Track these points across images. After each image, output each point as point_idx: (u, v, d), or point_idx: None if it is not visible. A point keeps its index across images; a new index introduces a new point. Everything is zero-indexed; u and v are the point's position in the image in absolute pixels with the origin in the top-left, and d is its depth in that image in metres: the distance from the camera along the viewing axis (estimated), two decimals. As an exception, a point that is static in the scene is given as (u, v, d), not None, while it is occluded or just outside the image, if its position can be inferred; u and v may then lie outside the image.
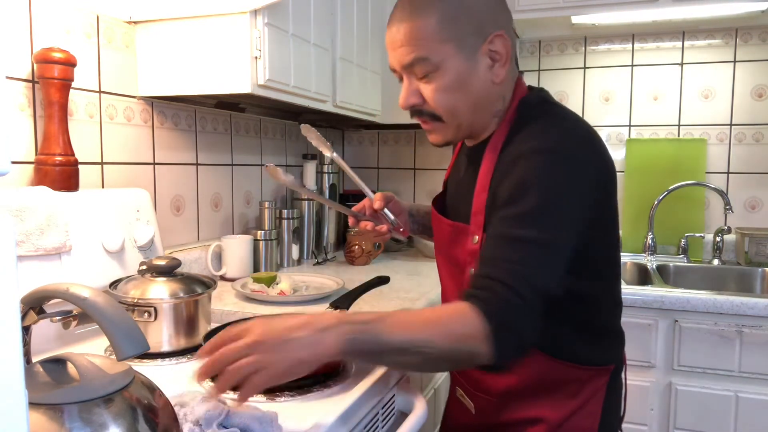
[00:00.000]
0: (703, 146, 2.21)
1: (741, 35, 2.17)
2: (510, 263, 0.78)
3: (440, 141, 0.97)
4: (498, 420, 0.98)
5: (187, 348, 1.04)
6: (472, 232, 0.92)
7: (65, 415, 0.50)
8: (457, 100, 0.90)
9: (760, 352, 1.61)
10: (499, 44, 0.89)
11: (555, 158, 0.83)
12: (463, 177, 1.01)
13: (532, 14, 2.02)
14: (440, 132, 0.95)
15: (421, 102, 0.92)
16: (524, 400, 0.95)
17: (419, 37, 0.87)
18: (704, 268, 2.13)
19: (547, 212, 0.80)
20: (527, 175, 0.82)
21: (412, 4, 0.88)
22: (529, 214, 0.80)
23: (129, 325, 0.57)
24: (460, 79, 0.89)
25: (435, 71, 0.88)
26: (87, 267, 1.09)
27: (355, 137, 2.56)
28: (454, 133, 0.95)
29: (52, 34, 1.16)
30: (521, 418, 0.95)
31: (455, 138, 0.97)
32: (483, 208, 0.90)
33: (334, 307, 1.17)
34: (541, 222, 0.80)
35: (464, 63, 0.88)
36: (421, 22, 0.87)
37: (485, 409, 1.00)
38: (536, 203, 0.80)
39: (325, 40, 1.58)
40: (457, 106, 0.91)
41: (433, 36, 0.87)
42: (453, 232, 0.97)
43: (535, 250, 0.79)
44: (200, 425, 0.71)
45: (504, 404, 0.97)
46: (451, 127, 0.94)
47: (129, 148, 1.37)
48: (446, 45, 0.87)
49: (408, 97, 0.92)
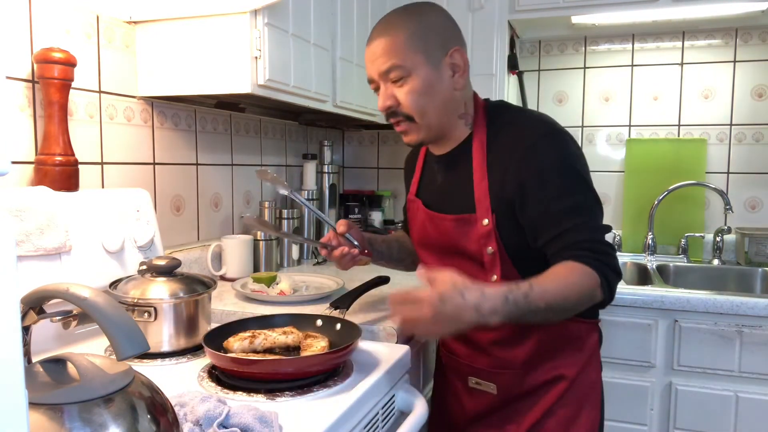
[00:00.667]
0: (703, 146, 2.21)
1: (741, 35, 2.17)
2: (579, 227, 0.98)
3: (414, 140, 1.11)
4: (522, 389, 1.12)
5: (187, 348, 1.04)
6: (481, 216, 1.06)
7: (65, 415, 0.50)
8: (427, 102, 1.06)
9: (760, 352, 1.61)
10: (457, 57, 1.07)
11: (559, 137, 1.04)
12: (445, 180, 1.15)
13: (532, 14, 2.02)
14: (413, 132, 1.10)
15: (396, 104, 1.07)
16: (544, 362, 1.11)
17: (394, 48, 1.04)
18: (704, 268, 2.13)
19: (581, 177, 1.02)
20: (551, 157, 1.01)
21: (388, 24, 1.06)
22: (570, 186, 1.00)
23: (129, 325, 0.57)
24: (428, 85, 1.05)
25: (407, 76, 1.04)
26: (87, 267, 1.09)
27: (355, 137, 2.56)
28: (426, 132, 1.09)
29: (52, 34, 1.16)
30: (544, 380, 1.11)
31: (427, 137, 1.11)
32: (487, 194, 1.06)
33: (334, 307, 1.17)
34: (581, 188, 1.01)
35: (431, 71, 1.05)
36: (395, 37, 1.04)
37: (508, 384, 1.13)
38: (568, 175, 1.01)
39: (325, 40, 1.58)
40: (426, 108, 1.06)
41: (406, 47, 1.04)
42: (457, 224, 1.10)
43: (589, 210, 1.01)
44: (200, 425, 0.71)
45: (526, 372, 1.12)
46: (422, 127, 1.08)
47: (129, 148, 1.37)
48: (416, 55, 1.04)
49: (385, 100, 1.07)
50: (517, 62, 2.18)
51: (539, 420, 1.11)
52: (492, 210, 1.05)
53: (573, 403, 1.11)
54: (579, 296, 0.94)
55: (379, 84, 1.08)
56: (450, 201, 1.13)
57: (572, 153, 1.03)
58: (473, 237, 1.08)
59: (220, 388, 0.88)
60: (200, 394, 0.77)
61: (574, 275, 0.94)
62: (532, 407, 1.12)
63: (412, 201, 1.22)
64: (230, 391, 0.87)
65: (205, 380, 0.91)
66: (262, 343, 0.96)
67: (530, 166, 1.01)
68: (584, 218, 0.99)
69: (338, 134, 2.54)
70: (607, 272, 0.96)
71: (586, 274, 0.95)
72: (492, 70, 1.99)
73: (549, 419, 1.11)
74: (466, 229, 1.08)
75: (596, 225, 1.01)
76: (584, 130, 2.39)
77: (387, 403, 0.98)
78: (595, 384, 1.14)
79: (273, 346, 0.97)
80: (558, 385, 1.11)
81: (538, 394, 1.12)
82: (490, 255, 1.07)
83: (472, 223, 1.07)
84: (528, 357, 1.11)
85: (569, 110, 2.40)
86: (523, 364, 1.11)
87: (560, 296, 0.92)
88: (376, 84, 1.10)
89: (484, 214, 1.06)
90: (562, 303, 0.93)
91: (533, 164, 1.01)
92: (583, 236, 0.98)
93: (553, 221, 1.00)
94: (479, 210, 1.06)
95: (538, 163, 1.00)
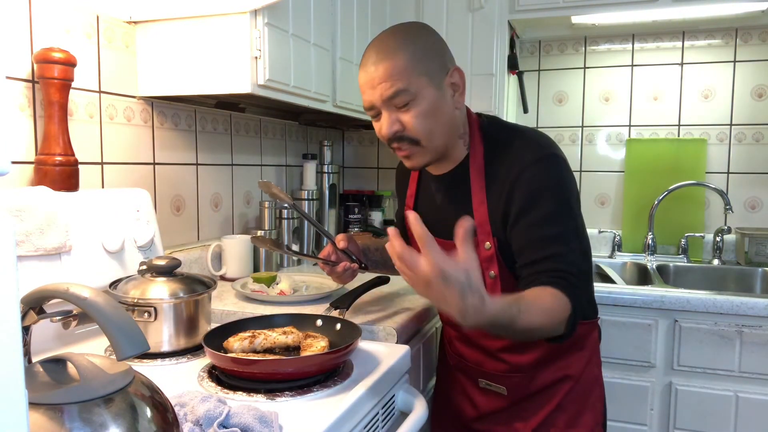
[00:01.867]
0: (703, 146, 2.21)
1: (741, 35, 2.17)
2: (557, 257, 0.97)
3: (418, 164, 1.09)
4: (530, 390, 1.15)
5: (187, 348, 1.04)
6: (482, 241, 1.07)
7: (65, 415, 0.50)
8: (433, 125, 1.04)
9: (760, 352, 1.61)
10: (456, 76, 1.06)
11: (553, 160, 1.03)
12: (445, 201, 1.16)
13: (532, 14, 2.02)
14: (418, 156, 1.07)
15: (402, 129, 1.04)
16: (551, 364, 1.14)
17: (398, 72, 1.00)
18: (704, 268, 2.13)
19: (567, 206, 1.01)
20: (540, 182, 1.00)
21: (386, 47, 1.02)
22: (556, 213, 1.00)
23: (129, 325, 0.57)
24: (434, 107, 1.03)
25: (413, 100, 1.01)
26: (87, 267, 1.09)
27: (355, 137, 2.56)
28: (431, 155, 1.07)
29: (52, 34, 1.16)
30: (551, 380, 1.14)
31: (431, 160, 1.09)
32: (487, 219, 1.06)
33: (334, 307, 1.17)
34: (568, 215, 1.01)
35: (435, 92, 1.03)
36: (397, 61, 1.00)
37: (518, 385, 1.16)
38: (557, 203, 1.00)
39: (325, 40, 1.58)
40: (433, 130, 1.04)
41: (410, 70, 1.00)
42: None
43: (571, 240, 1.00)
44: (200, 425, 0.71)
45: (535, 375, 1.14)
46: (428, 150, 1.06)
47: (129, 148, 1.37)
48: (421, 78, 1.01)
49: (391, 126, 1.03)
50: (517, 62, 2.18)
51: (547, 416, 1.15)
52: (493, 234, 1.06)
53: (578, 399, 1.15)
54: (551, 327, 0.92)
55: (380, 110, 1.05)
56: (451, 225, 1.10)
57: (563, 178, 1.03)
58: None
59: (220, 388, 0.88)
60: (200, 394, 0.77)
61: (555, 306, 0.93)
62: (540, 405, 1.15)
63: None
64: (230, 391, 0.87)
65: (205, 380, 0.91)
66: (262, 343, 0.96)
67: (522, 189, 1.01)
68: (565, 247, 0.99)
69: (338, 134, 2.54)
70: (576, 307, 0.95)
71: (564, 305, 0.93)
72: (492, 70, 1.99)
73: (556, 415, 1.15)
74: None
75: (575, 257, 1.00)
76: (584, 130, 2.39)
77: (387, 403, 0.98)
78: (598, 378, 1.20)
79: (273, 346, 0.97)
80: (565, 384, 1.15)
81: (546, 393, 1.15)
82: (492, 279, 1.08)
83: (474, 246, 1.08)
84: (536, 361, 1.14)
85: (569, 110, 2.40)
86: (532, 367, 1.14)
87: (537, 325, 0.90)
88: (376, 110, 1.06)
89: (486, 238, 1.07)
90: (535, 331, 0.90)
91: (524, 188, 1.01)
92: (560, 266, 0.97)
93: (535, 246, 1.00)
94: (480, 234, 1.07)
95: (528, 188, 1.01)
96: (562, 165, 1.04)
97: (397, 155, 1.10)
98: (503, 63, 2.07)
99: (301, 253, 1.88)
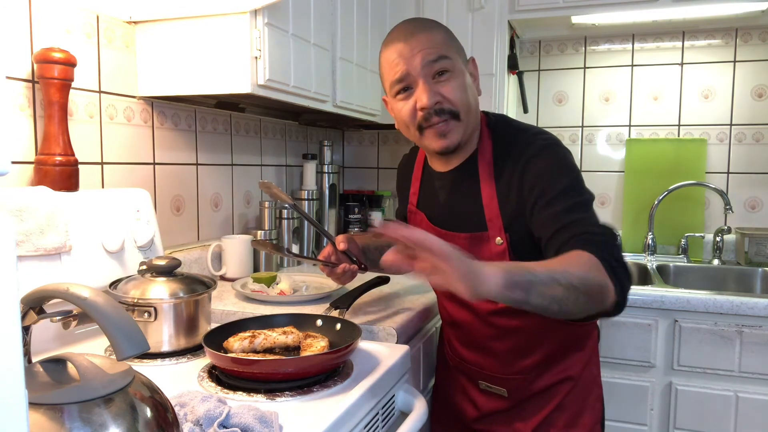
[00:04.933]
0: (703, 146, 2.21)
1: (741, 35, 2.17)
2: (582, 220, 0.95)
3: (454, 142, 1.06)
4: (531, 392, 1.15)
5: (187, 348, 1.04)
6: (493, 236, 1.07)
7: (65, 415, 0.50)
8: (470, 98, 1.06)
9: (760, 352, 1.61)
10: (472, 66, 1.10)
11: (556, 147, 1.05)
12: (451, 197, 1.15)
13: (532, 14, 2.02)
14: (456, 131, 1.06)
15: (442, 100, 1.03)
16: (552, 366, 1.13)
17: (438, 42, 1.03)
18: (704, 268, 2.13)
19: (578, 181, 1.01)
20: (549, 164, 1.01)
21: (420, 23, 1.05)
22: (570, 187, 0.99)
23: (129, 325, 0.57)
24: (467, 83, 1.06)
25: (452, 71, 1.03)
26: (87, 267, 1.09)
27: (355, 137, 2.56)
28: (464, 133, 1.07)
29: (52, 34, 1.16)
30: (552, 382, 1.14)
31: (464, 139, 1.08)
32: (498, 214, 1.06)
33: (334, 307, 1.17)
34: (581, 189, 1.01)
35: (465, 71, 1.06)
36: (435, 33, 1.04)
37: (518, 387, 1.16)
38: (569, 178, 1.00)
39: (325, 40, 1.58)
40: (470, 104, 1.06)
41: (448, 43, 1.04)
42: (470, 243, 1.10)
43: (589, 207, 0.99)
44: (200, 425, 0.71)
45: (536, 377, 1.14)
46: (465, 126, 1.06)
47: (129, 148, 1.37)
48: (455, 53, 1.05)
49: (432, 96, 1.02)
50: (517, 62, 2.18)
51: (547, 416, 1.15)
52: (505, 230, 1.06)
53: (578, 399, 1.16)
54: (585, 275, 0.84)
55: (410, 83, 1.04)
56: (459, 219, 1.13)
57: (569, 161, 1.04)
58: (486, 255, 1.08)
59: (220, 388, 0.88)
60: (200, 394, 0.77)
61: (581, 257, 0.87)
62: (541, 405, 1.16)
63: (414, 213, 1.23)
64: (230, 391, 0.87)
65: (205, 380, 0.91)
66: (262, 343, 0.96)
67: (530, 174, 1.02)
68: (585, 213, 0.98)
69: (338, 134, 2.54)
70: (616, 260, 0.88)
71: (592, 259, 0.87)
72: (492, 70, 1.99)
73: (556, 415, 1.15)
74: (479, 247, 1.09)
75: (596, 219, 0.98)
76: (584, 130, 2.39)
77: (387, 403, 0.98)
78: (597, 378, 1.20)
79: (273, 346, 0.97)
80: (565, 385, 1.15)
81: (546, 393, 1.15)
82: None
83: (485, 241, 1.08)
84: (537, 363, 1.14)
85: (569, 110, 2.40)
86: (533, 370, 1.14)
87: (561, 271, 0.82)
88: (407, 82, 1.04)
89: (497, 233, 1.07)
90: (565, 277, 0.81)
91: (533, 172, 1.02)
92: (586, 228, 0.94)
93: (555, 219, 0.98)
94: (491, 229, 1.07)
95: (536, 171, 1.02)
96: (566, 151, 1.05)
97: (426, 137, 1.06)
98: (503, 63, 2.07)
99: (302, 256, 1.88)
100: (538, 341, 1.11)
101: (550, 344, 1.12)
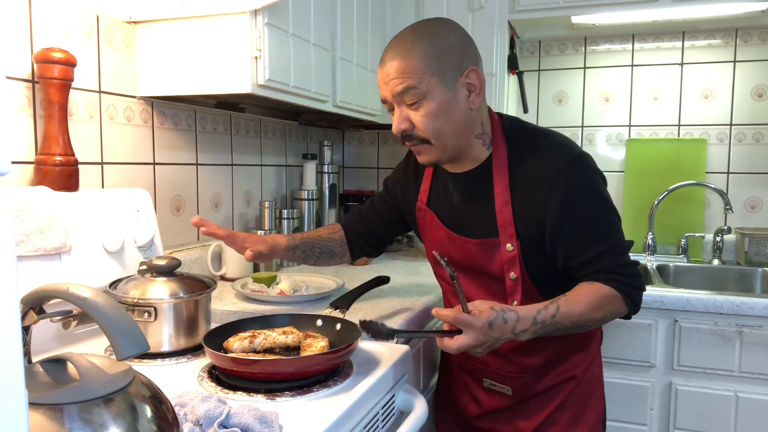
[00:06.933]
0: (703, 146, 2.21)
1: (741, 35, 2.17)
2: (610, 253, 1.04)
3: (429, 161, 1.10)
4: (536, 391, 1.17)
5: (187, 348, 1.04)
6: (504, 242, 1.08)
7: (65, 415, 0.50)
8: (442, 124, 1.04)
9: (760, 352, 1.61)
10: (473, 77, 1.05)
11: (584, 161, 1.06)
12: (464, 201, 1.15)
13: (532, 14, 2.02)
14: (427, 153, 1.08)
15: (411, 127, 1.05)
16: (557, 366, 1.15)
17: (409, 70, 1.02)
18: (704, 268, 2.13)
19: (605, 202, 1.06)
20: (575, 184, 1.04)
21: (403, 46, 1.03)
22: (598, 212, 1.05)
23: (129, 325, 0.57)
24: (444, 107, 1.03)
25: (422, 99, 1.03)
26: (87, 267, 1.09)
27: (355, 137, 2.56)
28: (441, 153, 1.08)
29: (52, 34, 1.16)
30: (555, 381, 1.16)
31: (442, 158, 1.09)
32: (511, 220, 1.07)
33: (334, 307, 1.17)
34: (608, 212, 1.06)
35: (447, 92, 1.03)
36: (410, 60, 1.02)
37: (523, 386, 1.17)
38: (596, 201, 1.05)
39: (325, 40, 1.58)
40: (442, 130, 1.05)
41: (421, 70, 1.02)
42: (481, 248, 1.11)
43: (616, 234, 1.07)
44: (200, 425, 0.71)
45: (540, 376, 1.16)
46: (437, 149, 1.07)
47: (129, 148, 1.37)
48: (431, 78, 1.02)
49: (399, 123, 1.06)
50: (517, 62, 2.18)
51: (550, 415, 1.16)
52: (517, 236, 1.07)
53: (581, 398, 1.17)
54: (603, 316, 1.03)
55: (393, 105, 1.07)
56: (471, 223, 1.13)
57: (596, 179, 1.06)
58: (497, 261, 1.09)
59: (220, 388, 0.88)
60: (200, 394, 0.77)
61: (601, 298, 1.02)
62: (544, 404, 1.17)
63: (423, 210, 1.22)
64: (230, 391, 0.87)
65: (205, 380, 0.91)
66: (262, 343, 0.96)
67: (558, 193, 1.03)
68: (613, 242, 1.05)
69: (338, 134, 2.54)
70: (632, 292, 1.04)
71: (613, 298, 1.02)
72: (492, 70, 1.99)
73: (559, 414, 1.16)
74: (490, 253, 1.10)
75: (624, 249, 1.06)
76: (584, 130, 2.39)
77: (387, 403, 0.98)
78: (599, 378, 1.21)
79: (273, 346, 0.97)
80: (568, 384, 1.16)
81: (550, 392, 1.17)
82: (513, 280, 1.09)
83: (496, 247, 1.09)
84: (543, 363, 1.15)
85: (569, 110, 2.40)
86: (539, 369, 1.16)
87: (585, 317, 1.00)
88: (390, 105, 1.08)
89: (508, 240, 1.07)
90: (586, 322, 1.01)
91: (561, 192, 1.03)
92: (613, 261, 1.04)
93: (584, 247, 1.05)
94: (503, 235, 1.08)
95: (564, 193, 1.03)
96: (592, 164, 1.08)
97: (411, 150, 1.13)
98: (503, 63, 2.07)
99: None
100: (545, 342, 1.11)
101: (556, 345, 1.13)
